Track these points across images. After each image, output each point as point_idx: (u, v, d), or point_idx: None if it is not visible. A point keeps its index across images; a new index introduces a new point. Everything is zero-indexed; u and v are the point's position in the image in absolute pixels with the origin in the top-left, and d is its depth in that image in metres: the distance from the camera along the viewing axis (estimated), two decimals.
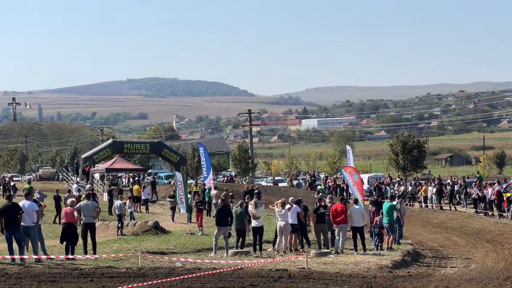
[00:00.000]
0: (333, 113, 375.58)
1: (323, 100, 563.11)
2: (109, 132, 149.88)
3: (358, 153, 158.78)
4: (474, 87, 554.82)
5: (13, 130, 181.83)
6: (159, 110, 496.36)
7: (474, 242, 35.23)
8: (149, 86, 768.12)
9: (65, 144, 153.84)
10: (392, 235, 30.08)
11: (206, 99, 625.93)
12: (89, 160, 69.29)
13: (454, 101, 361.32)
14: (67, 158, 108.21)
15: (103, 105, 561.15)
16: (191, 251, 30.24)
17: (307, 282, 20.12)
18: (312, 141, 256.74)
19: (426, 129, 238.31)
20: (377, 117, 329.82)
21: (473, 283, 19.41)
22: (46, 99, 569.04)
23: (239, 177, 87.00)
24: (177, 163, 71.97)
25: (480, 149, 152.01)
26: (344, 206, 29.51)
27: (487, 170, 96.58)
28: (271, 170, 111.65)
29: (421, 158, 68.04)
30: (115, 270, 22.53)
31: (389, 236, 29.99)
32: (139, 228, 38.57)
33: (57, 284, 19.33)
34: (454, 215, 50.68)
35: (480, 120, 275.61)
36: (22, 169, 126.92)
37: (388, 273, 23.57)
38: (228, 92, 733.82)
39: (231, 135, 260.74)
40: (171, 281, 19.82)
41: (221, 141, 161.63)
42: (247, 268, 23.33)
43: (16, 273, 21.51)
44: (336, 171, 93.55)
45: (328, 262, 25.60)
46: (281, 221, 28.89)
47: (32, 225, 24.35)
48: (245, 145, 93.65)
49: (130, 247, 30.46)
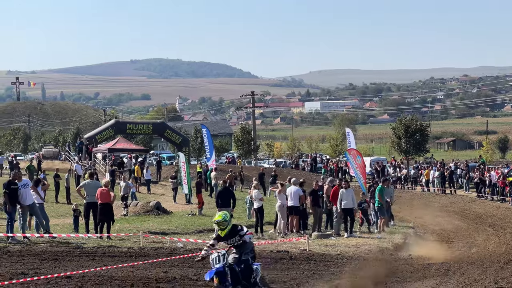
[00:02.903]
0: (336, 96, 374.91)
1: (326, 83, 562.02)
2: (112, 113, 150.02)
3: (360, 137, 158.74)
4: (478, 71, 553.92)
5: (16, 110, 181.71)
6: (162, 91, 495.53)
7: (476, 226, 35.23)
8: (153, 67, 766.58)
9: (68, 124, 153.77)
10: (383, 218, 30.30)
11: (209, 81, 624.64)
12: (92, 140, 69.34)
13: (458, 85, 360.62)
14: (70, 138, 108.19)
15: (106, 86, 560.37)
16: (193, 232, 30.27)
17: (308, 264, 20.14)
18: (315, 124, 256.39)
19: (429, 113, 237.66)
20: (380, 100, 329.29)
21: (474, 267, 19.41)
22: (50, 79, 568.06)
23: (241, 158, 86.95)
24: (180, 144, 71.97)
25: (483, 133, 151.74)
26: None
27: (490, 155, 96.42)
28: (273, 152, 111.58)
29: (423, 142, 68.09)
30: (117, 250, 22.58)
31: (381, 219, 30.22)
32: (141, 208, 38.62)
33: (59, 262, 19.37)
34: (456, 199, 50.70)
35: (483, 104, 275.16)
36: (25, 149, 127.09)
37: (389, 255, 23.60)
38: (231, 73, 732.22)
39: (234, 117, 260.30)
40: (173, 260, 19.84)
41: (224, 123, 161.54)
42: None
43: (18, 251, 21.57)
44: (338, 154, 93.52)
45: (329, 244, 25.64)
46: (278, 202, 28.99)
47: (34, 203, 24.45)
48: (248, 127, 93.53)
49: (132, 227, 30.51)
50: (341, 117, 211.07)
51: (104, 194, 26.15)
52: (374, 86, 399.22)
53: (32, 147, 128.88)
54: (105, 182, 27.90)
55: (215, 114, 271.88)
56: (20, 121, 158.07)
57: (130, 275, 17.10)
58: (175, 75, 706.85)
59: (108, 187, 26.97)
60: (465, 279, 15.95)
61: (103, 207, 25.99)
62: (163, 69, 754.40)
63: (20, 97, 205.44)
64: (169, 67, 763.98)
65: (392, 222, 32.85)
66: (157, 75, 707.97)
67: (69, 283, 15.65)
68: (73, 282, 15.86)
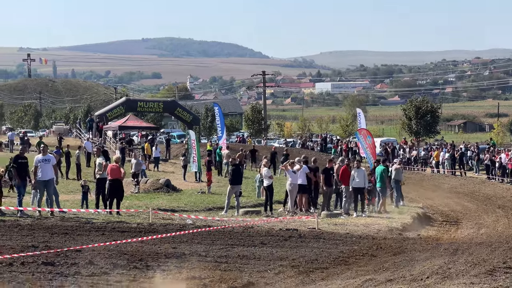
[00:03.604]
0: (347, 77, 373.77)
1: (337, 64, 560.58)
2: (123, 91, 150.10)
3: (371, 118, 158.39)
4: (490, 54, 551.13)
5: (27, 87, 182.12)
6: (173, 70, 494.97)
7: (485, 208, 35.22)
8: (164, 46, 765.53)
9: (79, 102, 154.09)
10: (383, 198, 30.36)
11: (220, 60, 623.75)
12: (102, 117, 69.45)
13: (469, 68, 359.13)
14: (81, 115, 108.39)
15: (117, 64, 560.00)
16: (202, 210, 30.38)
17: (317, 242, 20.17)
18: (326, 105, 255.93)
19: (440, 95, 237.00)
20: (391, 82, 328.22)
21: (482, 247, 19.40)
22: (61, 56, 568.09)
23: (251, 138, 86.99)
24: (190, 122, 71.99)
25: (494, 116, 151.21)
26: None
27: (501, 137, 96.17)
28: (283, 132, 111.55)
29: (434, 124, 67.91)
30: (126, 225, 22.68)
31: (383, 199, 30.29)
32: (151, 185, 38.73)
33: (69, 236, 19.48)
34: (466, 180, 50.66)
35: (495, 87, 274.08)
36: (36, 125, 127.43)
37: (398, 235, 23.63)
38: (243, 53, 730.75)
39: (244, 97, 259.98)
40: (182, 236, 19.92)
41: (235, 102, 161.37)
42: (258, 227, 23.44)
43: (29, 224, 21.70)
44: (348, 135, 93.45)
45: (338, 223, 25.69)
46: (289, 181, 29.02)
47: (50, 179, 24.60)
48: (258, 106, 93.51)
49: (141, 204, 30.62)
50: (351, 98, 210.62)
51: (114, 170, 26.23)
52: (385, 67, 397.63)
53: (43, 124, 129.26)
54: (116, 158, 28.02)
55: (226, 94, 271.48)
56: (31, 98, 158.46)
57: (139, 250, 17.18)
58: (186, 54, 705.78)
59: (118, 163, 27.06)
60: (474, 258, 15.94)
61: (113, 183, 26.08)
62: (174, 48, 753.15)
63: (31, 74, 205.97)
64: (180, 46, 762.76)
65: (401, 202, 32.87)
66: (168, 54, 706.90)
67: (79, 257, 15.73)
68: (83, 255, 15.94)
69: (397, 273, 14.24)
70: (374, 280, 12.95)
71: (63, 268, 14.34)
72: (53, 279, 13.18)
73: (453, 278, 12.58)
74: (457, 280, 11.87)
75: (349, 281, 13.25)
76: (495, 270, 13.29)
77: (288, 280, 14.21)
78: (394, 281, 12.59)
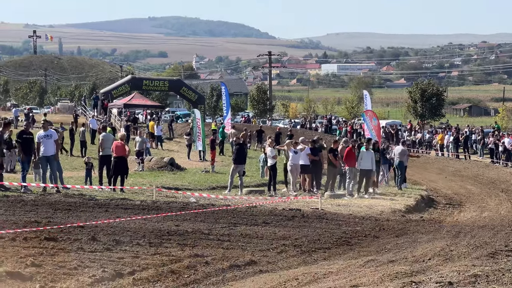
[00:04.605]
0: (353, 59, 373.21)
1: (343, 46, 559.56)
2: (128, 69, 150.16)
3: (376, 100, 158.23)
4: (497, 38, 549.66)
5: (33, 63, 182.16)
6: (180, 49, 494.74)
7: (489, 191, 35.23)
8: (170, 25, 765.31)
9: (84, 79, 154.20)
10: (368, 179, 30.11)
11: (226, 40, 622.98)
12: (107, 95, 69.47)
13: (476, 52, 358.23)
14: (86, 93, 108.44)
15: (123, 42, 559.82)
16: (206, 188, 30.44)
17: (320, 222, 20.19)
18: (331, 86, 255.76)
19: (446, 78, 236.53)
20: (397, 64, 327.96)
21: (485, 230, 19.43)
22: (67, 34, 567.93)
23: (256, 118, 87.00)
24: (195, 101, 72.00)
25: (499, 100, 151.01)
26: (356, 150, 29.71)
27: (506, 121, 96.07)
28: (288, 113, 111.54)
29: (439, 107, 67.78)
30: (130, 202, 22.70)
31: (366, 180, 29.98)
32: (155, 164, 38.81)
33: (72, 213, 19.51)
34: (470, 164, 50.63)
35: (501, 71, 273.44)
36: (41, 102, 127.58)
37: (401, 216, 23.65)
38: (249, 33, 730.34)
39: (250, 77, 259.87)
40: (185, 214, 19.96)
41: (240, 82, 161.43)
42: (261, 206, 23.47)
43: (32, 200, 21.72)
44: (354, 116, 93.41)
45: (341, 204, 25.71)
46: (291, 162, 28.93)
47: (52, 155, 24.62)
48: (264, 86, 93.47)
49: (145, 182, 30.68)
50: (357, 80, 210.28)
51: (119, 148, 26.27)
52: (391, 50, 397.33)
53: (48, 100, 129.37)
54: (121, 135, 28.07)
55: (231, 74, 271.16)
56: (36, 75, 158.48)
57: (142, 227, 17.20)
58: (193, 34, 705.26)
59: (123, 140, 27.09)
60: (476, 241, 15.96)
61: (118, 160, 26.13)
62: (180, 27, 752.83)
63: (37, 50, 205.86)
64: (187, 25, 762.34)
65: (404, 184, 32.89)
66: (174, 33, 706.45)
67: (81, 232, 15.75)
68: (86, 231, 15.96)
69: (399, 254, 14.26)
70: (376, 261, 12.97)
71: (65, 243, 14.37)
72: (56, 254, 13.21)
73: (455, 260, 12.59)
74: (458, 262, 11.87)
75: (351, 262, 13.26)
76: (497, 253, 13.30)
77: (290, 259, 14.23)
78: (396, 262, 12.60)
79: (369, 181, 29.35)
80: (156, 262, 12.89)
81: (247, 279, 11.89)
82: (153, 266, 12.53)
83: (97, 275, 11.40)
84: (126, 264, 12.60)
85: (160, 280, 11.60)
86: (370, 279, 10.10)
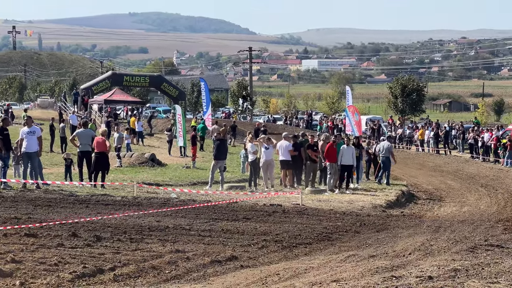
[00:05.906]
0: (334, 54, 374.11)
1: (324, 41, 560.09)
2: (109, 65, 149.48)
3: (357, 96, 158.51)
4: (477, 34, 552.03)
5: (12, 59, 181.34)
6: (160, 45, 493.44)
7: (468, 186, 35.37)
8: (151, 21, 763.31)
9: (64, 75, 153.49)
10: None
11: (207, 36, 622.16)
12: (88, 90, 69.24)
13: (456, 47, 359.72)
14: (66, 89, 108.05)
15: (103, 38, 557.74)
16: (187, 184, 30.39)
17: (301, 218, 20.24)
18: (312, 82, 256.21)
19: (426, 74, 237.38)
20: (378, 60, 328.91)
21: (465, 224, 19.54)
22: (47, 29, 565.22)
23: (236, 114, 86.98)
24: (176, 97, 71.94)
25: (479, 96, 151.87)
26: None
27: (485, 117, 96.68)
28: (269, 109, 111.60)
29: (419, 102, 68.07)
30: (110, 198, 22.68)
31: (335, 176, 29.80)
32: (136, 159, 38.71)
33: (52, 209, 19.45)
34: (450, 159, 50.84)
35: (480, 67, 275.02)
36: (20, 98, 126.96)
37: (381, 212, 23.73)
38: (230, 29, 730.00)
39: (231, 73, 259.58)
40: (166, 211, 19.94)
41: (221, 78, 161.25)
42: (242, 202, 23.48)
43: (12, 196, 21.65)
44: (334, 112, 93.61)
45: (322, 199, 25.74)
46: (263, 159, 28.86)
47: (35, 151, 24.53)
48: (245, 82, 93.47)
49: (126, 177, 30.60)
50: (338, 75, 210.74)
51: (100, 144, 26.18)
52: (372, 45, 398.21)
53: (28, 96, 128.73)
54: (102, 131, 27.98)
55: (212, 69, 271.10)
56: (16, 71, 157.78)
57: (123, 223, 17.19)
58: (173, 29, 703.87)
59: (104, 136, 27.00)
60: (456, 236, 16.06)
61: (99, 156, 26.04)
62: (161, 22, 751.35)
63: (16, 46, 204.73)
64: (167, 21, 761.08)
65: (384, 180, 32.84)
66: (155, 28, 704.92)
67: (62, 229, 15.71)
68: (66, 227, 15.93)
69: (379, 249, 14.32)
70: (357, 256, 13.01)
71: (46, 240, 14.33)
72: (36, 250, 13.17)
73: (435, 254, 12.65)
74: (438, 257, 11.94)
75: (332, 257, 13.30)
76: (476, 248, 13.37)
77: (271, 254, 14.26)
78: (377, 257, 12.65)
79: (350, 176, 29.40)
80: (137, 258, 12.89)
81: (228, 275, 11.91)
82: (134, 262, 12.52)
83: (77, 271, 11.38)
84: (107, 260, 12.59)
85: (141, 275, 11.60)
86: (351, 274, 10.13)
